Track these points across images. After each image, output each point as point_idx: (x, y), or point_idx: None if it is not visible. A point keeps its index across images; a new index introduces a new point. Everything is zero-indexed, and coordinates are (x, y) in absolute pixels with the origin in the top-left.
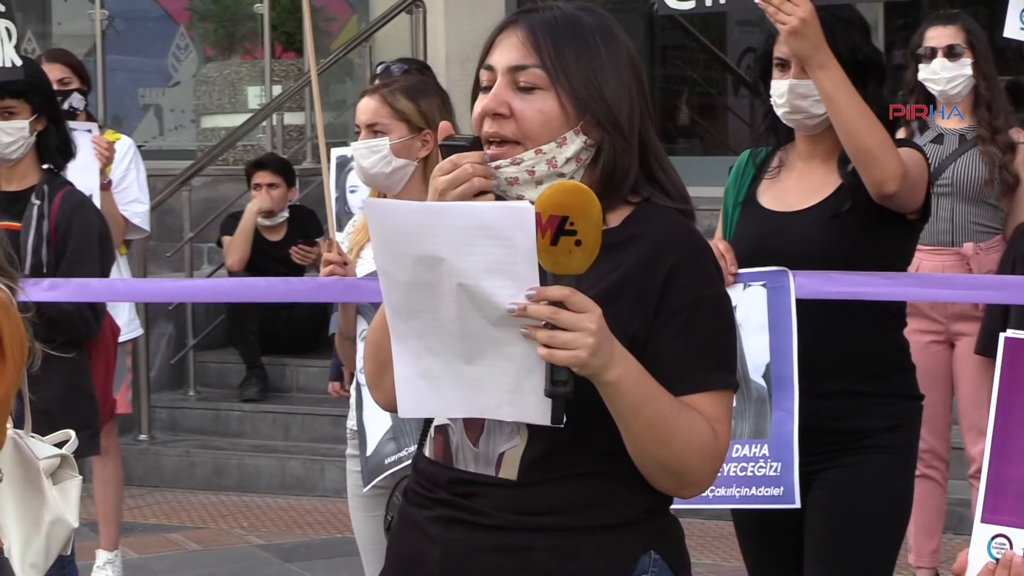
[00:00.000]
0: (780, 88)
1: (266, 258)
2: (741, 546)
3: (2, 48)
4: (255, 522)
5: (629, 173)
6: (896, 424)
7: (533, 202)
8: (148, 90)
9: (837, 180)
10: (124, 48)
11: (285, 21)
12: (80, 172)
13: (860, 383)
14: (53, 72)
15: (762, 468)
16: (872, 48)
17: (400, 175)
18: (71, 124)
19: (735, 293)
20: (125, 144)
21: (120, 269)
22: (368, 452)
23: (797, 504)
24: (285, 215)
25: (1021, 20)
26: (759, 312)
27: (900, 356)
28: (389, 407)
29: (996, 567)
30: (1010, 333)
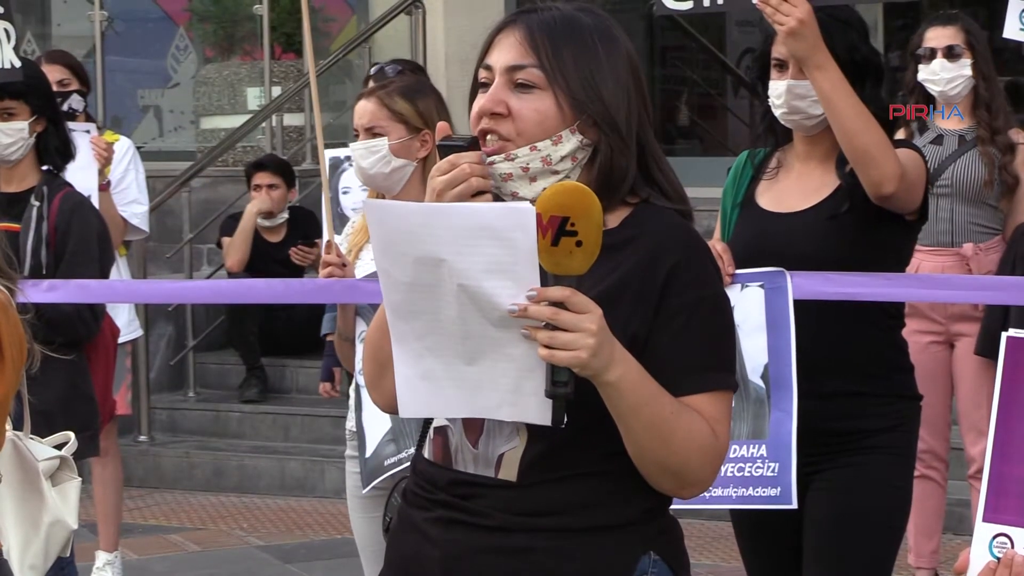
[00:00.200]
0: (778, 89)
1: (266, 259)
2: (740, 547)
3: (1, 49)
4: (255, 523)
5: (627, 174)
6: (895, 424)
7: (527, 199)
8: (147, 91)
9: (835, 181)
10: (123, 49)
11: (284, 22)
12: (79, 173)
13: (859, 383)
14: (52, 73)
15: (760, 469)
16: (870, 49)
17: (399, 175)
18: (70, 125)
19: (733, 294)
20: (124, 145)
21: (119, 270)
22: (367, 453)
23: (794, 505)
24: (285, 216)
25: (1021, 20)
26: (757, 313)
27: (899, 356)
28: (388, 408)
29: (998, 566)
30: (1012, 332)
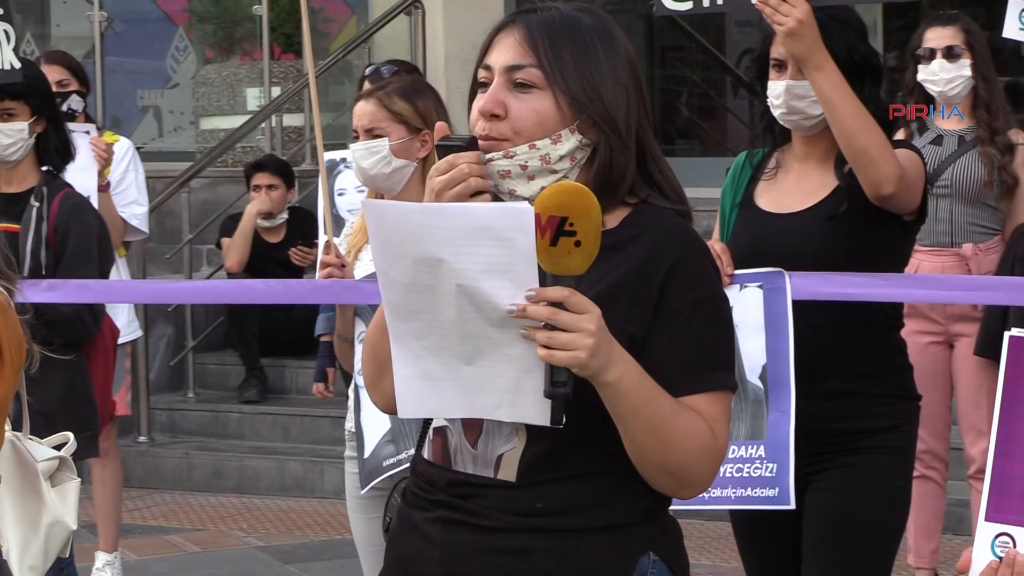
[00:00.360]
0: (777, 89)
1: (265, 260)
2: (739, 547)
3: (1, 51)
4: (254, 524)
5: (626, 174)
6: (894, 424)
7: (525, 198)
8: (147, 92)
9: (834, 181)
10: (123, 50)
11: (284, 23)
12: (79, 174)
13: (858, 384)
14: (52, 74)
15: (758, 469)
16: (869, 49)
17: (400, 176)
18: (70, 126)
19: (732, 294)
20: (124, 146)
21: (119, 271)
22: (366, 454)
23: (792, 505)
24: (284, 217)
25: (1020, 20)
26: (756, 313)
27: (898, 356)
28: (387, 408)
29: (999, 565)
30: (1016, 332)
